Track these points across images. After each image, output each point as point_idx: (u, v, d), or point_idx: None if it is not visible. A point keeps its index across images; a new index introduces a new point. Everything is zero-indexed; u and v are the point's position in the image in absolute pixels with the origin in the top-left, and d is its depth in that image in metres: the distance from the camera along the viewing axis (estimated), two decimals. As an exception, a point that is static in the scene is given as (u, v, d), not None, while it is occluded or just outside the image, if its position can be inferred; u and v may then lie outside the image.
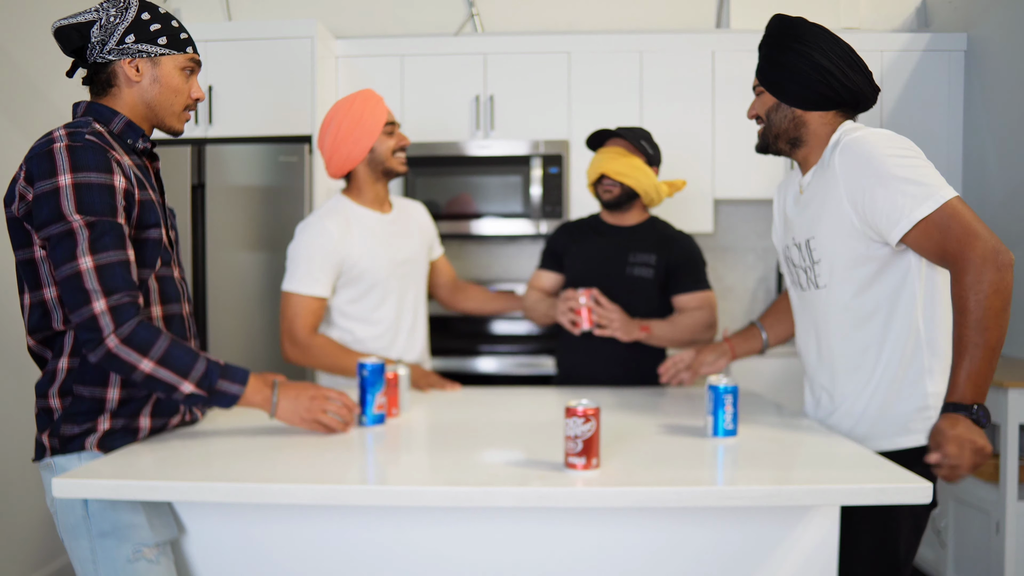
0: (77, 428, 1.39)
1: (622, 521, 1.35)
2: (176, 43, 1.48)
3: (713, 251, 3.74)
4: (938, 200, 1.39)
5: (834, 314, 1.59)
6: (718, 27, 3.67)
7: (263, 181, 3.08)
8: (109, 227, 1.31)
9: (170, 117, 1.51)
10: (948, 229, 1.38)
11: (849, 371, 1.58)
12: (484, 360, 3.18)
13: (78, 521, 1.34)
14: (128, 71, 1.44)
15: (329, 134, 2.07)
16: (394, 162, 2.13)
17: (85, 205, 1.29)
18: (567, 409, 1.27)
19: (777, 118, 1.64)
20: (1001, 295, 1.33)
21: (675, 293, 2.25)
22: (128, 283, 1.32)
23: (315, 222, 2.08)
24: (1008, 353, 3.01)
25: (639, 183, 2.20)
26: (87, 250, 1.29)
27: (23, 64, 2.72)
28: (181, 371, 1.35)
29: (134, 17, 1.43)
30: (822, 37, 1.57)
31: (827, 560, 1.35)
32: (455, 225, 3.33)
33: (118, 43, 1.42)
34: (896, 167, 1.43)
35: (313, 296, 2.04)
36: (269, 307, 3.10)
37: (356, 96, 2.10)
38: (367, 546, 1.38)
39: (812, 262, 1.62)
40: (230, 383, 1.41)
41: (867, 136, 1.49)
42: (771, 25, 1.65)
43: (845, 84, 1.56)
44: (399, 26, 3.73)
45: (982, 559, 2.59)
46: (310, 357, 2.05)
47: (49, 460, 1.40)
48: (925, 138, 3.33)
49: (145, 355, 1.32)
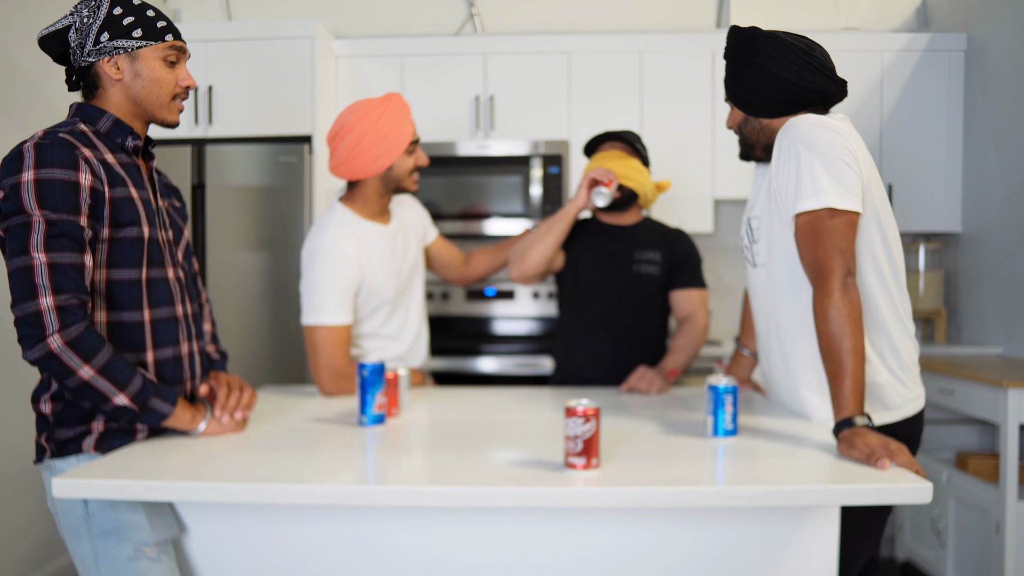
0: (71, 432, 1.39)
1: (622, 521, 1.35)
2: (152, 32, 1.44)
3: (713, 251, 3.74)
4: (823, 203, 1.44)
5: (771, 291, 1.64)
6: (718, 27, 3.67)
7: (263, 181, 3.08)
8: (68, 227, 1.29)
9: (160, 109, 1.47)
10: (819, 239, 1.45)
11: (795, 346, 1.62)
12: (484, 360, 3.18)
13: (78, 521, 1.34)
14: (109, 70, 1.42)
15: (348, 139, 1.97)
16: (409, 182, 2.06)
17: (46, 200, 1.28)
18: (567, 409, 1.27)
19: (748, 130, 1.68)
20: (853, 309, 1.41)
21: (673, 288, 2.26)
22: (79, 286, 1.30)
23: (329, 246, 1.98)
24: (1008, 353, 3.01)
25: (640, 185, 2.21)
26: (41, 245, 1.27)
27: (23, 64, 2.72)
28: (119, 383, 1.33)
29: (106, 14, 1.40)
30: (772, 45, 1.58)
31: (827, 560, 1.35)
32: (455, 225, 3.33)
33: (95, 43, 1.40)
34: (826, 144, 1.46)
35: (344, 325, 1.99)
36: (269, 307, 3.10)
37: (387, 106, 1.99)
38: (367, 546, 1.38)
39: (751, 241, 1.67)
40: (162, 402, 1.41)
41: (810, 117, 1.52)
42: (729, 38, 1.67)
43: (804, 87, 1.57)
44: (399, 26, 3.73)
45: (982, 559, 2.59)
46: (351, 383, 1.97)
47: (49, 462, 1.40)
48: (925, 138, 3.33)
49: (87, 362, 1.29)
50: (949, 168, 3.34)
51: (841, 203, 1.43)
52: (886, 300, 1.54)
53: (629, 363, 2.21)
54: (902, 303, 1.57)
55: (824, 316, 1.42)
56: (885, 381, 1.55)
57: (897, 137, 3.34)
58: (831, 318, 1.41)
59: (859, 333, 1.40)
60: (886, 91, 3.34)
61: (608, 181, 2.13)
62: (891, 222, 1.56)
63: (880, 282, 1.54)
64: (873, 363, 1.54)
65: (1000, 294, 3.06)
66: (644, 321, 2.26)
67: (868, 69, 3.33)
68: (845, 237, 1.44)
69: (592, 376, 2.25)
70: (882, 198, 1.54)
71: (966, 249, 3.32)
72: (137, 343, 1.43)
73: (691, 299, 2.25)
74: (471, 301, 3.67)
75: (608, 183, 2.13)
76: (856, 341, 1.39)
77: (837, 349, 1.40)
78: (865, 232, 1.51)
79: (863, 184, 1.48)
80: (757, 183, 1.73)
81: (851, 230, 1.45)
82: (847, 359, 1.39)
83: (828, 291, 1.42)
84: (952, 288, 3.44)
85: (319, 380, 2.00)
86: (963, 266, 3.35)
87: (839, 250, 1.43)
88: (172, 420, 1.44)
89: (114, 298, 1.40)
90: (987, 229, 3.14)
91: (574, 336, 2.29)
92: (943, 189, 3.34)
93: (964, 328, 3.35)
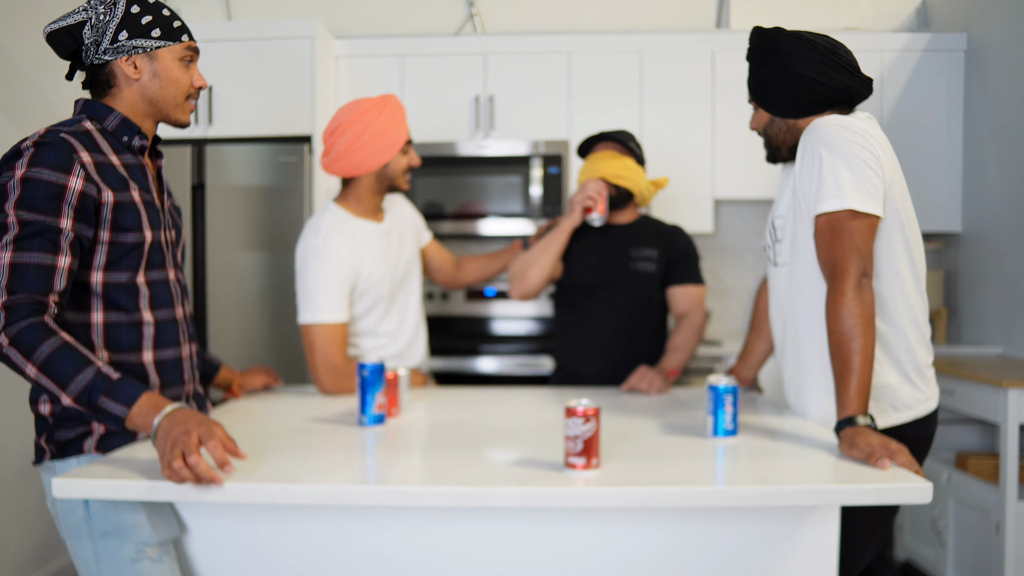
0: (71, 433, 1.38)
1: (622, 521, 1.35)
2: (171, 33, 1.44)
3: (713, 251, 3.74)
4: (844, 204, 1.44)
5: (791, 291, 1.64)
6: (718, 27, 3.67)
7: (263, 181, 3.08)
8: (43, 228, 1.27)
9: (174, 110, 1.48)
10: (836, 239, 1.45)
11: (809, 346, 1.61)
12: (484, 360, 3.18)
13: (79, 522, 1.34)
14: (126, 69, 1.41)
15: (347, 135, 1.99)
16: (402, 181, 2.08)
17: (25, 201, 1.27)
18: (567, 409, 1.27)
19: (774, 131, 1.67)
20: (866, 309, 1.41)
21: (671, 284, 2.27)
22: (37, 287, 1.27)
23: (323, 245, 1.99)
24: (1008, 353, 3.01)
25: (636, 184, 2.23)
26: (9, 246, 1.26)
27: (22, 64, 2.72)
28: (60, 381, 1.24)
29: (124, 12, 1.40)
30: (798, 45, 1.58)
31: (827, 560, 1.35)
32: (455, 225, 3.33)
33: (112, 42, 1.39)
34: (849, 146, 1.46)
35: (341, 323, 2.00)
36: (269, 307, 3.10)
37: (384, 106, 2.01)
38: (367, 546, 1.38)
39: (774, 240, 1.68)
40: (113, 402, 1.25)
41: (834, 118, 1.52)
42: (751, 39, 1.67)
43: (830, 86, 1.57)
44: (399, 26, 3.73)
45: (982, 559, 2.59)
46: (351, 381, 1.97)
47: (49, 463, 1.39)
48: (925, 138, 3.33)
49: (28, 359, 1.24)
50: (949, 168, 3.34)
51: (862, 206, 1.44)
52: (904, 303, 1.54)
53: (628, 361, 2.21)
54: (919, 305, 1.57)
55: (836, 315, 1.41)
56: (896, 382, 1.55)
57: (897, 137, 3.34)
58: (843, 317, 1.41)
59: (869, 334, 1.40)
60: (886, 91, 3.34)
61: (599, 202, 2.16)
62: (913, 224, 1.56)
63: (899, 285, 1.53)
64: (886, 365, 1.54)
65: (1000, 294, 3.06)
66: (642, 319, 2.26)
67: (868, 69, 3.29)
68: (863, 239, 1.44)
69: (592, 375, 2.25)
70: (904, 200, 1.54)
71: (966, 249, 3.32)
72: (135, 344, 1.42)
73: (689, 295, 2.26)
74: (471, 301, 3.67)
75: (600, 208, 2.17)
76: (866, 342, 1.39)
77: (846, 348, 1.40)
78: (886, 234, 1.51)
79: (886, 186, 1.48)
80: (784, 184, 1.72)
81: (870, 233, 1.45)
82: (855, 359, 1.39)
83: (842, 290, 1.42)
84: (952, 288, 3.44)
85: (317, 379, 2.00)
86: (963, 266, 3.35)
87: (856, 251, 1.43)
88: (129, 423, 1.26)
89: (112, 300, 1.39)
90: (987, 229, 3.14)
91: (573, 335, 2.30)
92: (943, 189, 3.34)
93: (964, 328, 3.35)
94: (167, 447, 1.18)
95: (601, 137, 2.29)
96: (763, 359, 2.04)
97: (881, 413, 1.54)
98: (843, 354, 1.40)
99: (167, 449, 1.18)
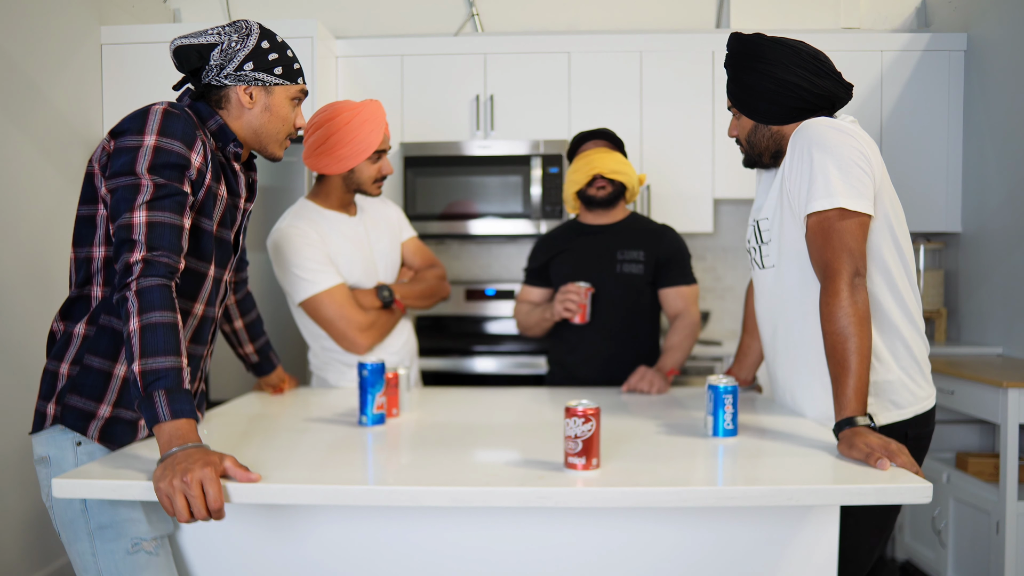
0: (80, 402, 1.37)
1: (622, 521, 1.35)
2: (290, 74, 1.50)
3: (713, 251, 3.74)
4: (835, 203, 1.44)
5: (779, 293, 1.63)
6: (718, 27, 3.67)
7: (263, 181, 3.07)
8: (173, 191, 1.32)
9: (273, 144, 1.53)
10: (828, 239, 1.44)
11: (800, 349, 1.61)
12: (480, 360, 3.18)
13: (76, 516, 1.34)
14: (242, 97, 1.46)
15: (317, 136, 2.00)
16: (371, 187, 2.09)
17: (157, 168, 1.31)
18: (567, 409, 1.27)
19: (757, 138, 1.67)
20: (860, 309, 1.41)
21: (663, 286, 2.27)
22: (171, 245, 1.31)
23: (288, 227, 2.03)
24: (1008, 353, 3.01)
25: (630, 178, 2.25)
26: (145, 205, 1.29)
27: (22, 64, 2.72)
28: (146, 350, 1.23)
29: (255, 45, 1.45)
30: (782, 51, 1.57)
31: (827, 560, 1.35)
32: (455, 225, 3.33)
33: (236, 69, 1.44)
34: (839, 146, 1.46)
35: (339, 284, 2.02)
36: (269, 307, 3.10)
37: (358, 111, 1.99)
38: (366, 546, 1.38)
39: (760, 243, 1.67)
40: (164, 404, 1.21)
41: (823, 119, 1.53)
42: (730, 45, 1.66)
43: (815, 92, 1.57)
44: (399, 26, 3.73)
45: (982, 559, 2.59)
46: (379, 329, 2.05)
47: (45, 454, 1.39)
48: (925, 138, 3.33)
49: (140, 314, 1.24)
50: (949, 168, 3.34)
51: (853, 204, 1.44)
52: (896, 300, 1.54)
53: (621, 362, 2.22)
54: (913, 302, 1.57)
55: (831, 316, 1.41)
56: (896, 379, 1.55)
57: (897, 137, 3.34)
58: (837, 318, 1.40)
59: (865, 334, 1.40)
60: (886, 91, 3.35)
61: (580, 312, 2.16)
62: (902, 223, 1.57)
63: (890, 283, 1.54)
64: (885, 361, 1.54)
65: (1000, 294, 3.06)
66: (632, 320, 2.26)
67: (868, 69, 3.33)
68: (855, 238, 1.44)
69: (585, 377, 2.26)
70: (893, 199, 1.54)
71: (966, 249, 3.32)
72: None
73: (681, 296, 2.26)
74: (470, 301, 3.67)
75: (581, 316, 2.17)
76: (861, 342, 1.39)
77: (842, 349, 1.39)
78: (876, 234, 1.51)
79: (875, 186, 1.48)
80: (762, 186, 1.72)
81: (861, 232, 1.45)
82: (852, 359, 1.38)
83: (835, 291, 1.42)
84: (952, 288, 3.44)
85: (348, 342, 2.04)
86: (963, 266, 3.35)
87: (848, 250, 1.43)
88: (157, 430, 1.22)
89: (177, 286, 1.39)
90: (987, 229, 3.14)
91: (565, 338, 2.30)
92: (943, 189, 3.34)
93: (964, 328, 3.35)
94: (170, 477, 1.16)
95: (588, 136, 2.31)
96: (760, 358, 2.04)
97: (883, 410, 1.54)
98: (839, 355, 1.40)
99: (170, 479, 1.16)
